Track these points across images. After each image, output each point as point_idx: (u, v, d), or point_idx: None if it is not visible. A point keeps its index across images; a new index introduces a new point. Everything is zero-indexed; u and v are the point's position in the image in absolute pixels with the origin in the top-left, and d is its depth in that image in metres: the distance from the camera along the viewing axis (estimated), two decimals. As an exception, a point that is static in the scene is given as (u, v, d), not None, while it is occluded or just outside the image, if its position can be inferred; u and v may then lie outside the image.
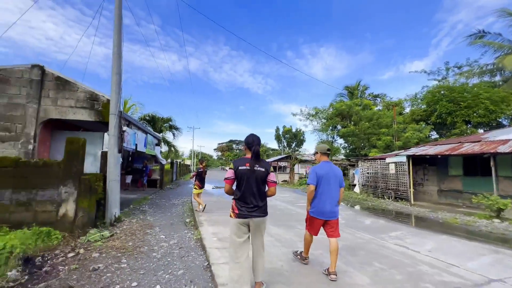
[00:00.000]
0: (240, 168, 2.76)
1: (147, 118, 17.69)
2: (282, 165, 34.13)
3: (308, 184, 3.54)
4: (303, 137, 75.10)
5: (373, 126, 18.72)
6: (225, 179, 2.83)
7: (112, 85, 6.93)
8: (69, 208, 5.64)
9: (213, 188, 17.33)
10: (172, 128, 19.37)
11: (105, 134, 7.75)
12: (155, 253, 4.25)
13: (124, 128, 7.09)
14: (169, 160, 20.48)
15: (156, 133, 14.36)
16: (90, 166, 7.72)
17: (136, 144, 10.51)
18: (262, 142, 64.88)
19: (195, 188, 8.37)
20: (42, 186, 5.65)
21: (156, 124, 17.90)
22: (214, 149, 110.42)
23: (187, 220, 7.00)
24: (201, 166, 8.68)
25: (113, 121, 6.83)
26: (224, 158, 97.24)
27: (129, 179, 13.52)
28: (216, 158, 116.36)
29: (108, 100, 7.13)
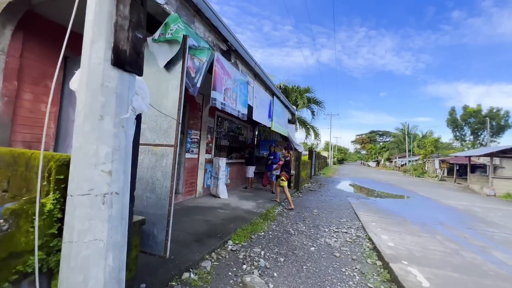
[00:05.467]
0: None
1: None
2: (481, 164, 20.07)
3: None
4: (506, 121, 48.85)
5: None
6: None
7: None
8: None
9: (359, 189, 9.77)
10: (311, 102, 13.59)
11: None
12: None
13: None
14: (305, 152, 14.83)
15: (288, 102, 8.92)
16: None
17: (250, 106, 5.25)
18: (416, 131, 46.97)
19: (283, 180, 6.57)
20: None
21: (289, 97, 12.72)
22: (352, 141, 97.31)
23: None
24: (287, 154, 6.91)
25: None
26: (365, 152, 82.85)
27: (251, 171, 8.92)
28: (353, 151, 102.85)
29: None
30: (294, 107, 10.09)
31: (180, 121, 2.43)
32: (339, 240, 4.21)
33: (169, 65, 2.51)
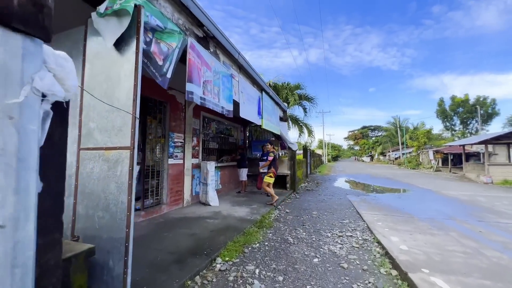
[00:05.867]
0: None
1: (268, 88, 12.33)
2: (475, 152, 20.02)
3: None
4: (493, 108, 50.11)
5: None
6: None
7: None
8: None
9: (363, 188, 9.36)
10: (302, 98, 13.13)
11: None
12: None
13: None
14: (298, 150, 14.26)
15: (279, 98, 8.42)
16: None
17: (236, 102, 4.74)
18: (407, 124, 47.11)
19: (270, 177, 6.32)
20: None
21: (280, 95, 12.24)
22: (345, 138, 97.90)
23: None
24: (272, 149, 6.69)
25: None
26: (358, 147, 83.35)
27: (244, 174, 8.36)
28: (346, 147, 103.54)
29: None
30: (285, 104, 9.61)
31: (138, 116, 1.86)
32: (345, 246, 3.70)
33: (120, 45, 1.96)
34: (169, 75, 2.76)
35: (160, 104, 5.35)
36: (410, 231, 4.32)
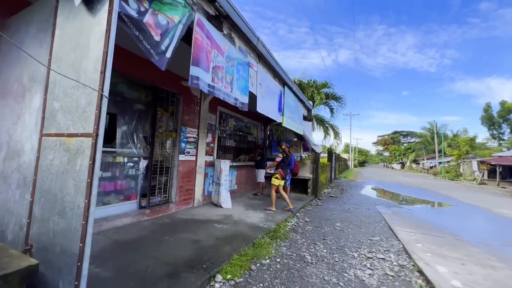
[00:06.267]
0: None
1: (293, 85, 11.65)
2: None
3: None
4: None
5: None
6: None
7: None
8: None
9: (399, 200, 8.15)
10: (329, 98, 12.21)
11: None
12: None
13: None
14: (322, 153, 13.34)
15: (303, 96, 7.73)
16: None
17: (254, 95, 4.22)
18: (445, 131, 42.79)
19: (277, 178, 5.68)
20: None
21: (305, 93, 11.49)
22: (373, 143, 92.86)
23: None
24: (281, 149, 6.00)
25: None
26: (388, 153, 78.52)
27: (262, 175, 7.82)
28: (374, 153, 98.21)
29: None
30: (310, 103, 8.88)
31: (106, 94, 1.41)
32: (376, 272, 2.99)
33: (92, 3, 1.52)
34: (168, 55, 2.32)
35: (172, 96, 5.01)
36: (461, 259, 3.46)
